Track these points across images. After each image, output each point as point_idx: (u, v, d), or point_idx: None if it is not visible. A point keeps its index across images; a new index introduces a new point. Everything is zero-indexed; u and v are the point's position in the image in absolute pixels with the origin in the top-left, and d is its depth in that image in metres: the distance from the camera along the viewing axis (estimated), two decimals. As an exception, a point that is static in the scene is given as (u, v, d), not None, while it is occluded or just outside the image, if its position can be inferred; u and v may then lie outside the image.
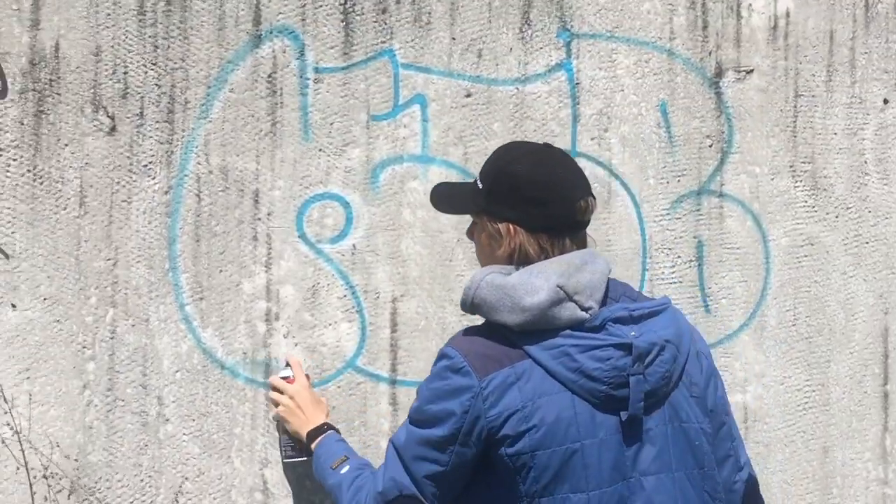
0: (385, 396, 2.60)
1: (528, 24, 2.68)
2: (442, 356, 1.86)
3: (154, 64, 2.46)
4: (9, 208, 2.38)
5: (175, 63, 2.47)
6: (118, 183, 2.44)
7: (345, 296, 2.58)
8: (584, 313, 1.80)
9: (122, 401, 2.46)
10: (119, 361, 2.45)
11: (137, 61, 2.45)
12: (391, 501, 1.87)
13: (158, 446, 2.48)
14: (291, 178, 2.54)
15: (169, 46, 2.47)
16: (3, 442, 2.37)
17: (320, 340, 2.57)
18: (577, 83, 2.71)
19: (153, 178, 2.46)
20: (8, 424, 2.37)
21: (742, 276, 2.84)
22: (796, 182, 2.87)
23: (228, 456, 2.52)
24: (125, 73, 2.44)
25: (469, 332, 1.88)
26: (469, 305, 1.87)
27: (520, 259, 1.87)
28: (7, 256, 2.38)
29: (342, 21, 2.57)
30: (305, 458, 2.38)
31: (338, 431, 2.36)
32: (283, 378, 2.44)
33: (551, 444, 1.77)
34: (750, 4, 2.82)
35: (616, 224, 2.75)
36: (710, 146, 2.81)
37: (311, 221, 2.56)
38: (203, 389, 2.50)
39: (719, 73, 2.81)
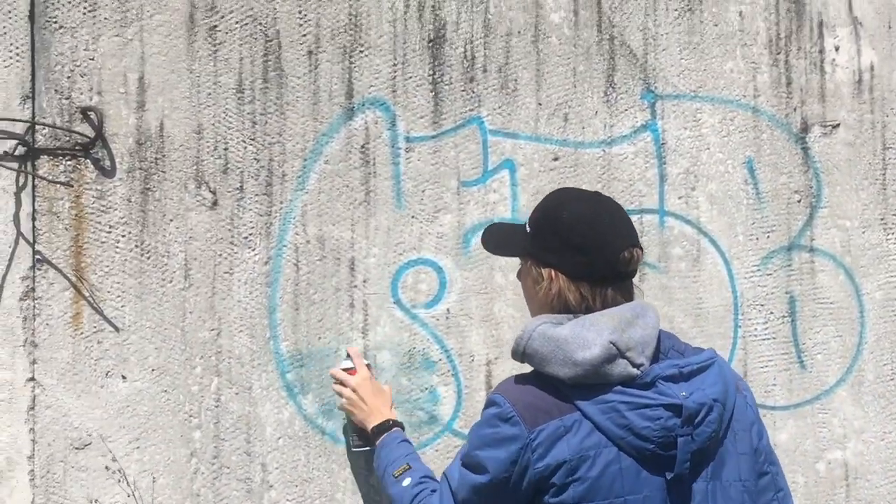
0: (482, 459, 2.61)
1: (613, 87, 2.72)
2: (491, 403, 1.87)
3: (252, 139, 2.55)
4: (118, 283, 2.47)
5: (272, 138, 2.56)
6: (220, 255, 2.52)
7: (440, 360, 2.61)
8: (635, 370, 1.80)
9: (228, 468, 2.51)
10: (224, 429, 2.51)
11: (237, 137, 2.54)
12: None
13: (263, 513, 2.52)
14: (386, 245, 2.60)
15: (266, 122, 2.56)
16: (114, 511, 2.44)
17: (417, 405, 2.60)
18: (663, 143, 2.74)
19: (253, 250, 2.54)
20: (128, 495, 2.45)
21: (837, 331, 2.81)
22: (888, 235, 2.85)
23: (330, 521, 2.55)
24: (226, 149, 2.53)
25: (520, 380, 1.89)
26: (520, 355, 1.88)
27: (560, 306, 1.88)
28: (117, 329, 2.46)
29: (431, 91, 2.64)
30: (371, 448, 2.39)
31: (402, 427, 2.38)
32: (345, 370, 2.46)
33: (595, 498, 1.77)
34: (833, 59, 2.83)
35: (707, 281, 2.75)
36: (799, 201, 2.80)
37: (406, 287, 2.61)
38: (305, 455, 2.54)
39: (805, 129, 2.82)
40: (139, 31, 2.49)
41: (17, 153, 2.42)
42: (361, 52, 2.60)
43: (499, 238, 2.09)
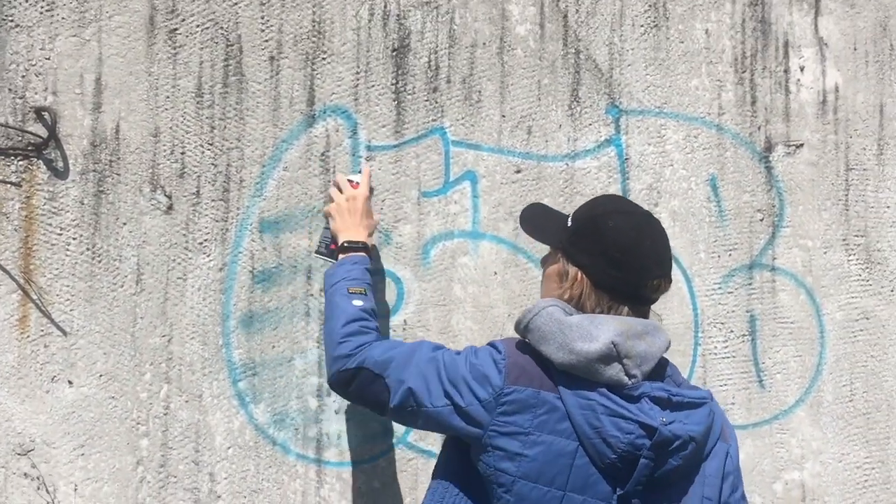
0: (436, 473, 2.58)
1: (577, 101, 2.71)
2: (494, 346, 1.89)
3: (210, 144, 2.51)
4: (68, 286, 2.42)
5: (231, 143, 2.53)
6: (174, 260, 2.48)
7: (396, 372, 2.58)
8: (626, 379, 1.79)
9: (175, 477, 2.46)
10: (172, 437, 2.46)
11: (195, 142, 2.50)
12: (369, 372, 1.94)
13: (210, 524, 2.48)
14: (343, 254, 2.57)
15: (225, 127, 2.52)
16: (57, 519, 2.39)
17: (371, 416, 2.56)
18: (627, 158, 2.73)
19: (208, 256, 2.50)
20: None
21: (797, 351, 2.80)
22: (850, 256, 2.84)
23: (279, 534, 2.51)
24: (182, 153, 2.50)
25: (521, 345, 1.89)
26: (522, 328, 1.87)
27: (574, 305, 1.87)
28: (65, 333, 2.42)
29: (394, 100, 2.61)
30: (333, 262, 2.33)
31: (370, 257, 2.33)
32: (349, 181, 2.41)
33: (537, 480, 1.77)
34: (798, 80, 2.83)
35: (667, 298, 2.72)
36: (762, 220, 2.80)
37: (363, 297, 2.57)
38: (255, 466, 2.50)
39: (769, 148, 2.81)
40: (97, 31, 2.46)
41: (-33, 152, 2.38)
42: (324, 59, 2.58)
43: (538, 221, 2.09)
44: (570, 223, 1.95)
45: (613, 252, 1.86)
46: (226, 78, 2.53)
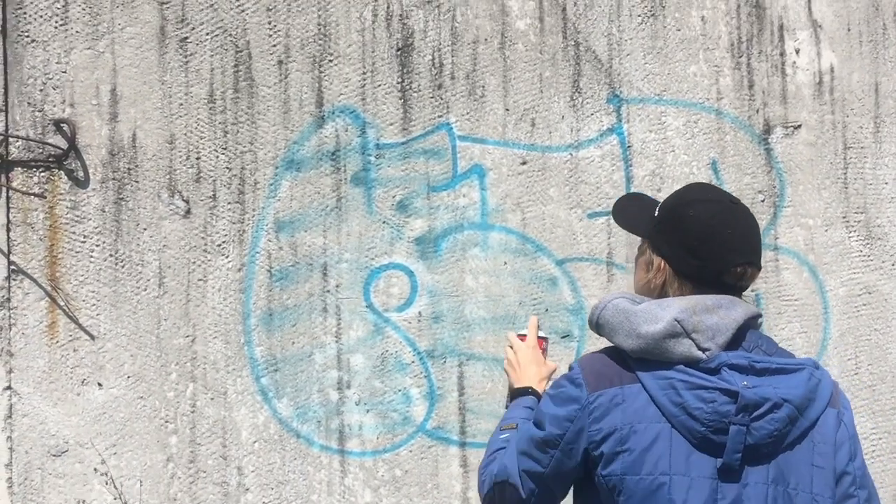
0: (456, 459, 2.66)
1: (579, 92, 2.78)
2: (569, 368, 1.93)
3: (224, 148, 2.59)
4: (93, 292, 2.50)
5: (244, 146, 2.60)
6: (194, 263, 2.56)
7: (413, 362, 2.66)
8: (699, 353, 1.80)
9: (204, 472, 2.55)
10: (200, 434, 2.55)
11: (209, 147, 2.58)
12: (498, 484, 1.96)
13: (239, 516, 2.56)
14: (357, 250, 2.65)
15: (238, 131, 2.60)
16: (92, 516, 2.48)
17: (391, 406, 2.64)
18: (629, 146, 2.80)
19: (227, 257, 2.58)
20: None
21: (801, 327, 2.87)
22: (850, 232, 2.91)
23: (306, 523, 2.60)
24: (198, 158, 2.58)
25: (598, 351, 1.94)
26: (594, 325, 1.93)
27: (660, 295, 1.91)
28: (93, 338, 2.50)
29: (400, 98, 2.69)
30: None
31: (539, 397, 2.40)
32: (519, 335, 2.50)
33: (640, 471, 1.78)
34: (794, 62, 2.89)
35: (673, 281, 2.80)
36: (763, 201, 2.86)
37: (378, 291, 2.66)
38: (280, 458, 2.59)
39: (767, 130, 2.88)
40: (111, 43, 2.53)
41: (-9, 165, 2.46)
42: (331, 61, 2.65)
43: (629, 213, 2.08)
44: (656, 213, 1.99)
45: (692, 241, 1.86)
46: (236, 83, 2.60)
